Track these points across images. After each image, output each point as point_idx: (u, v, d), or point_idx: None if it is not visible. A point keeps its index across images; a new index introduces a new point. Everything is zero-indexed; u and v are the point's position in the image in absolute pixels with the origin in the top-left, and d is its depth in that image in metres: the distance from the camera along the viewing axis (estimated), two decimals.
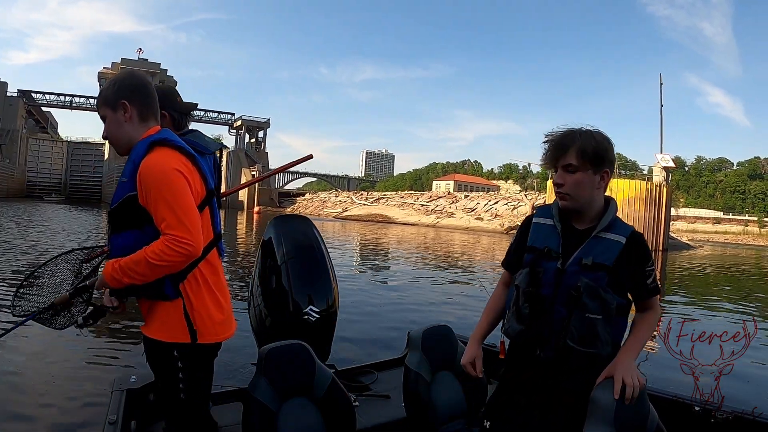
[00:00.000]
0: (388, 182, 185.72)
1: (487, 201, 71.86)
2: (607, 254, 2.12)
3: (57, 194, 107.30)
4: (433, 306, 11.43)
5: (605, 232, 2.15)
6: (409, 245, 32.23)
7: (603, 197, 2.23)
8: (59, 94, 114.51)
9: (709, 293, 18.25)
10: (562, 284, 2.14)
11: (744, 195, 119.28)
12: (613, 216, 2.19)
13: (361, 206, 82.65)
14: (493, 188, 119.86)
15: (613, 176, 2.22)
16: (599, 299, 2.08)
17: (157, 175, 2.17)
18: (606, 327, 2.09)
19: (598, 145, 2.12)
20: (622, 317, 2.15)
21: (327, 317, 3.63)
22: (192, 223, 2.17)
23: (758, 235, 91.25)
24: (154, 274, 2.16)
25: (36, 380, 5.30)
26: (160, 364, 2.38)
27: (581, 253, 2.14)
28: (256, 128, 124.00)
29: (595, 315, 2.07)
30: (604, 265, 2.10)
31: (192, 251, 2.14)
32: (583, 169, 2.12)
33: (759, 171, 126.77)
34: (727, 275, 26.06)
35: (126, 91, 2.34)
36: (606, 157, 2.14)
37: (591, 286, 2.08)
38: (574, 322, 2.10)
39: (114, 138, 2.38)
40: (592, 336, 2.08)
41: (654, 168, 45.16)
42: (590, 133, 2.15)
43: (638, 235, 2.18)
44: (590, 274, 2.10)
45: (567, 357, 2.12)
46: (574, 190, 2.15)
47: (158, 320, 2.31)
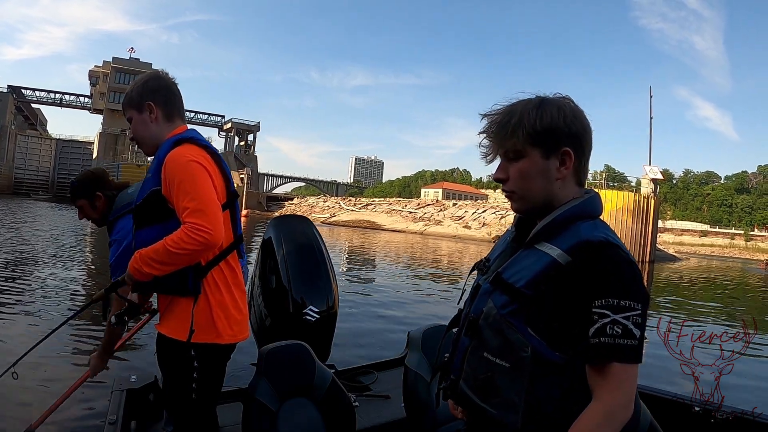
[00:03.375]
0: (377, 189, 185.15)
1: (476, 209, 71.87)
2: (523, 273, 1.48)
3: (44, 192, 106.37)
4: (432, 306, 11.50)
5: (544, 240, 1.50)
6: (402, 251, 32.44)
7: (574, 190, 1.56)
8: (49, 91, 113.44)
9: (696, 302, 18.41)
10: (473, 305, 1.61)
11: (731, 208, 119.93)
12: (568, 215, 1.50)
13: (349, 212, 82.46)
14: (481, 197, 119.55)
15: (601, 187, 1.51)
16: (501, 337, 1.48)
17: (179, 166, 2.21)
18: (514, 383, 1.45)
19: (544, 115, 1.47)
20: (555, 378, 1.43)
21: (327, 317, 3.65)
22: (212, 212, 2.17)
23: (744, 248, 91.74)
24: (174, 262, 2.15)
25: (35, 380, 5.26)
26: (175, 363, 2.36)
27: (505, 268, 1.55)
28: (246, 131, 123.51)
29: (496, 358, 1.49)
30: (516, 290, 1.47)
31: (210, 239, 2.13)
32: (527, 153, 1.50)
33: (746, 185, 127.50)
34: (713, 286, 26.31)
35: (151, 92, 2.39)
36: (562, 132, 1.48)
37: (493, 315, 1.50)
38: (471, 359, 1.57)
39: (141, 138, 2.44)
40: (491, 388, 1.50)
41: (642, 180, 45.45)
42: (538, 100, 1.51)
43: (594, 247, 1.41)
44: (502, 297, 1.50)
45: (463, 404, 1.63)
46: (520, 184, 1.54)
47: (177, 318, 2.31)
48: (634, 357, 1.34)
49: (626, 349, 1.32)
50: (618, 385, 1.34)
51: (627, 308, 1.33)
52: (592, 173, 56.90)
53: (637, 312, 1.34)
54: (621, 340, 1.32)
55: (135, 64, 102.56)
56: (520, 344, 1.43)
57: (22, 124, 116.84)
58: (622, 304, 1.33)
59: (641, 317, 1.35)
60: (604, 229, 1.49)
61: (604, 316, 1.33)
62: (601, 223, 1.53)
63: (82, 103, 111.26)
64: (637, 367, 1.36)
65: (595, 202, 1.56)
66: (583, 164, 1.55)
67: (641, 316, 1.35)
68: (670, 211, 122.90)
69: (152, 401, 3.23)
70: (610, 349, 1.32)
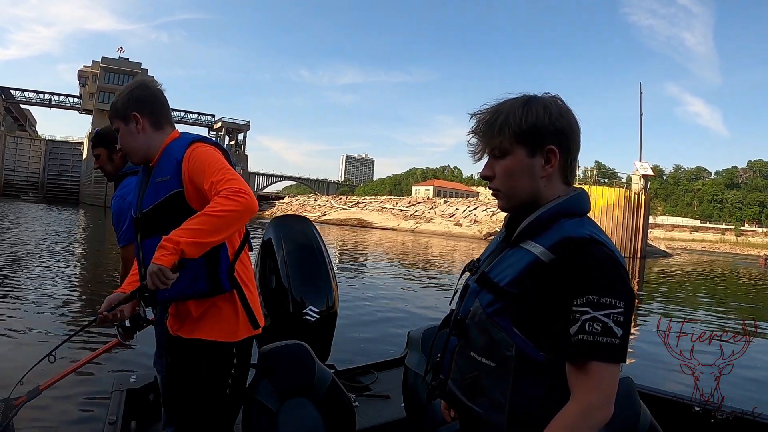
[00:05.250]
0: (368, 187, 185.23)
1: (467, 207, 71.66)
2: (507, 272, 1.48)
3: (34, 193, 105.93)
4: (432, 306, 11.52)
5: (528, 238, 1.49)
6: (397, 249, 32.39)
7: (561, 188, 1.54)
8: (39, 92, 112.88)
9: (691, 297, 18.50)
10: (462, 305, 1.61)
11: (721, 204, 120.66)
12: (553, 212, 1.49)
13: (340, 210, 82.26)
14: (472, 194, 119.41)
15: (591, 183, 1.44)
16: (486, 336, 1.48)
17: (202, 154, 2.22)
18: (499, 382, 1.44)
19: (529, 113, 1.47)
20: (539, 377, 1.42)
21: (327, 317, 3.65)
22: (243, 181, 2.13)
23: (735, 243, 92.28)
24: (222, 228, 2.03)
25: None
26: (216, 366, 2.31)
27: (492, 267, 1.55)
28: (236, 130, 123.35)
29: (482, 358, 1.48)
30: (500, 288, 1.47)
31: (250, 201, 2.06)
32: (512, 151, 1.50)
33: (736, 180, 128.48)
34: (704, 281, 26.43)
35: (135, 102, 2.34)
36: (547, 130, 1.47)
37: (479, 314, 1.50)
38: (458, 359, 1.57)
39: (130, 149, 2.39)
40: (477, 387, 1.50)
41: (633, 176, 45.47)
42: (524, 99, 1.51)
43: (576, 244, 1.40)
44: (487, 296, 1.50)
45: (452, 404, 1.62)
46: (506, 182, 1.54)
47: (216, 320, 2.29)
48: (615, 356, 1.31)
49: (606, 348, 1.29)
50: (596, 384, 1.31)
51: (608, 306, 1.31)
52: (583, 170, 56.90)
53: (619, 310, 1.31)
54: (600, 338, 1.29)
55: (124, 64, 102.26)
56: (505, 343, 1.42)
57: (11, 125, 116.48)
58: (602, 301, 1.31)
59: (623, 315, 1.31)
60: (590, 226, 1.46)
61: (584, 314, 1.31)
62: (588, 220, 1.51)
63: (72, 103, 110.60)
64: (619, 367, 1.33)
65: (582, 200, 1.54)
66: (569, 163, 1.53)
67: (623, 314, 1.31)
68: (660, 206, 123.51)
69: (152, 401, 3.23)
70: (589, 347, 1.30)
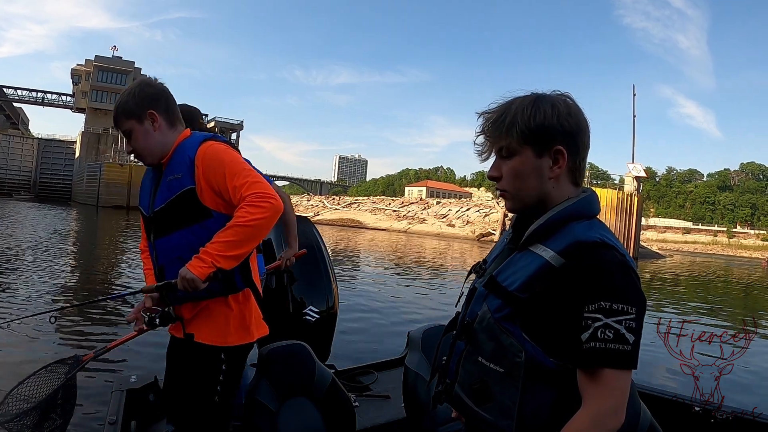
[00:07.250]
0: (361, 187, 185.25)
1: (459, 207, 71.73)
2: (516, 276, 1.44)
3: (26, 192, 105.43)
4: (432, 306, 11.52)
5: (538, 242, 1.45)
6: (390, 249, 32.39)
7: (570, 189, 1.51)
8: (31, 90, 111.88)
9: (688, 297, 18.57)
10: (469, 309, 1.59)
11: (713, 206, 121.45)
12: (563, 215, 1.45)
13: (333, 211, 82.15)
14: (465, 195, 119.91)
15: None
16: (495, 342, 1.45)
17: (219, 153, 2.21)
18: (508, 388, 1.42)
19: (537, 113, 1.43)
20: (549, 384, 1.40)
21: (327, 317, 3.66)
22: (266, 182, 2.15)
23: (727, 245, 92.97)
24: (254, 237, 2.09)
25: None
26: (203, 369, 2.30)
27: (500, 271, 1.51)
28: (229, 130, 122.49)
29: (490, 363, 1.46)
30: (509, 293, 1.44)
31: (277, 203, 2.09)
32: (520, 151, 1.47)
33: (728, 183, 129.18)
34: (696, 283, 26.54)
35: (150, 100, 2.30)
36: (555, 130, 1.43)
37: (488, 319, 1.47)
38: (466, 364, 1.54)
39: (145, 149, 2.33)
40: (485, 393, 1.47)
41: (626, 177, 45.77)
42: (533, 97, 1.47)
43: (587, 248, 1.37)
44: (496, 301, 1.47)
45: (459, 408, 1.59)
46: (513, 183, 1.50)
47: (204, 323, 2.28)
48: (627, 363, 1.29)
49: (618, 355, 1.28)
50: (608, 391, 1.29)
51: (620, 312, 1.29)
52: None
53: (631, 316, 1.29)
54: (612, 345, 1.27)
55: (118, 63, 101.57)
56: (514, 349, 1.40)
57: (4, 124, 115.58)
58: (615, 307, 1.29)
59: (635, 322, 1.30)
60: (600, 229, 1.44)
61: (596, 320, 1.29)
62: (598, 223, 1.48)
63: (65, 101, 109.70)
64: (630, 373, 1.32)
65: (592, 202, 1.51)
66: (578, 163, 1.49)
67: (635, 320, 1.30)
68: (653, 208, 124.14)
69: (152, 401, 3.22)
70: (602, 354, 1.28)
